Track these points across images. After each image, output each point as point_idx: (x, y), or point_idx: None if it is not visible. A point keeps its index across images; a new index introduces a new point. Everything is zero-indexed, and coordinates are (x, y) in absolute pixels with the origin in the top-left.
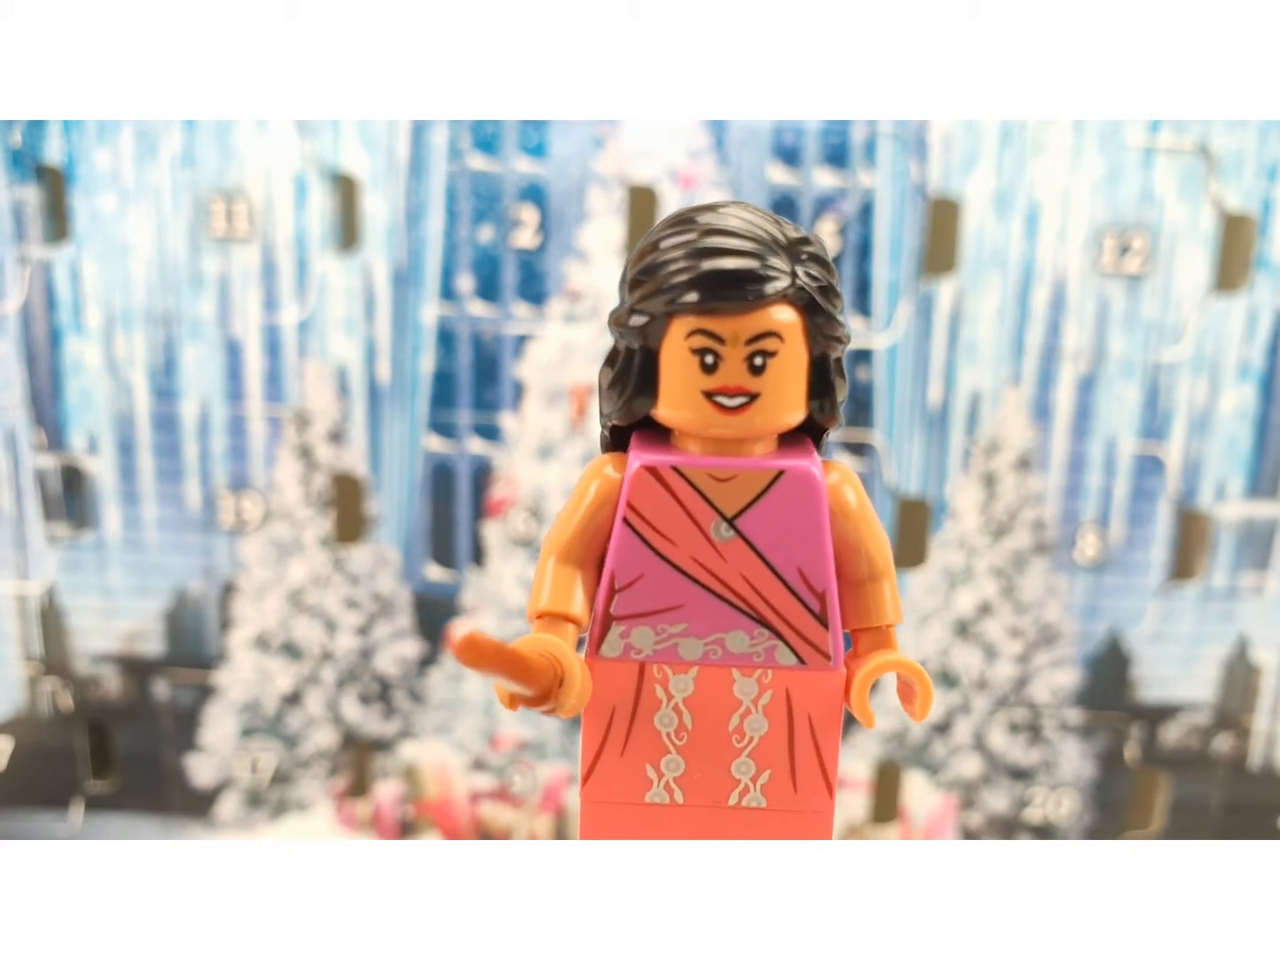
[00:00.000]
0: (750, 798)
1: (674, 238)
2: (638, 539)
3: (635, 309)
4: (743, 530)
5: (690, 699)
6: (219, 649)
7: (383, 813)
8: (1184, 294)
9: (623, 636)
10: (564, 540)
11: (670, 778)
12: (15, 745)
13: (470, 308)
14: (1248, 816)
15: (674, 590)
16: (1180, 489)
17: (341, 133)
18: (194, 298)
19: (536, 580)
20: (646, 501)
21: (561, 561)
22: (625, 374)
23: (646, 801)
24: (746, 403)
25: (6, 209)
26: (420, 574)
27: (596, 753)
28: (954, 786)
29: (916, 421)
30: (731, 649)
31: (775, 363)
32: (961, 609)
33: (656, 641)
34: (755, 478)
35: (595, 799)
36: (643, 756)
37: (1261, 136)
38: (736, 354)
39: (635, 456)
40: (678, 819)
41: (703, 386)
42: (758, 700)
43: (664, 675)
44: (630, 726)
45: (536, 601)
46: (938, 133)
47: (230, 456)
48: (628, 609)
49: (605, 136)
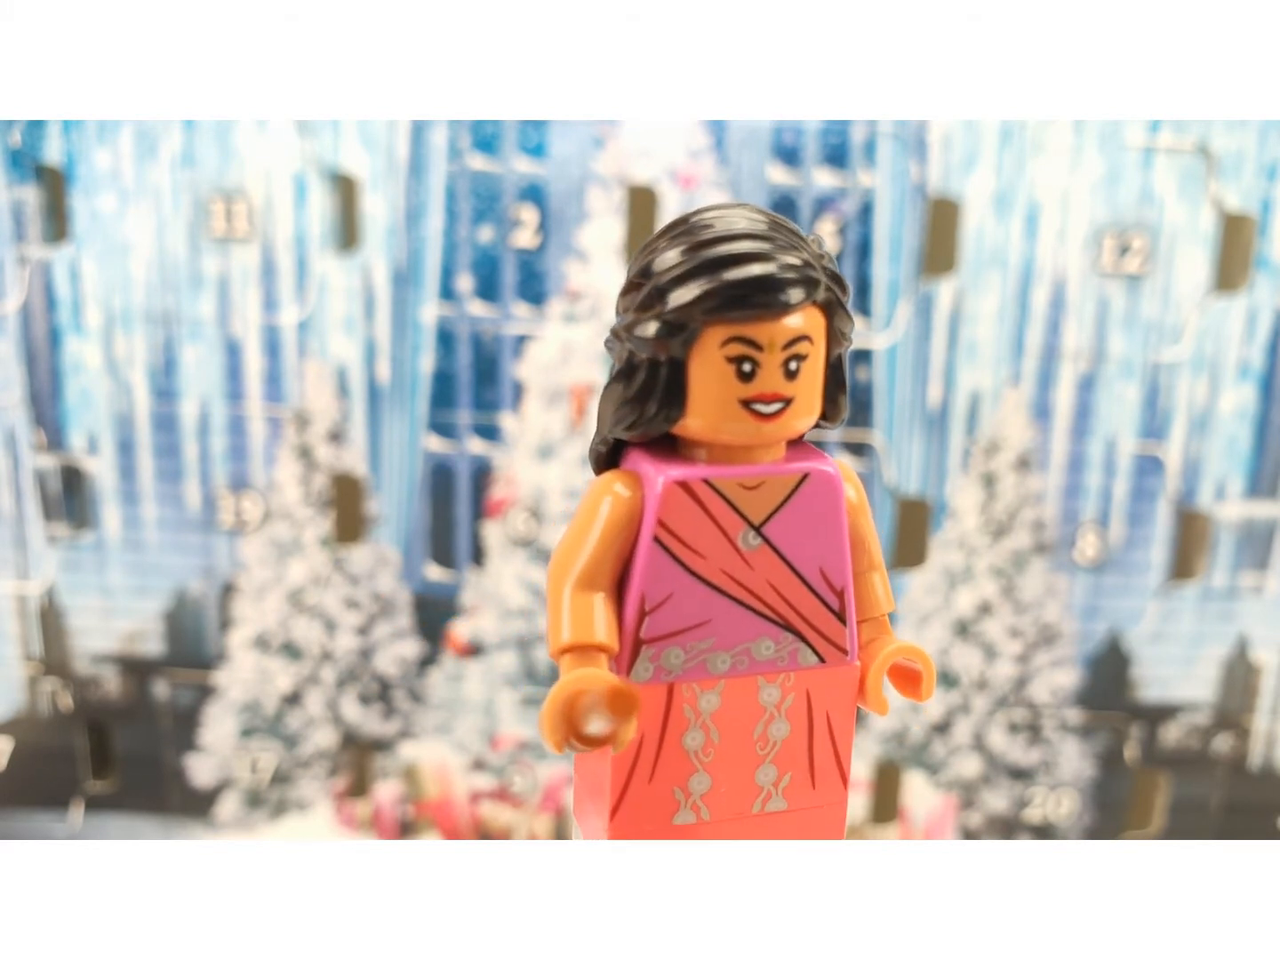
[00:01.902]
0: (772, 803)
1: (691, 246)
2: (669, 557)
3: (664, 319)
4: (769, 536)
5: (717, 714)
6: (219, 649)
7: (383, 813)
8: (1184, 294)
9: (653, 660)
10: (583, 567)
11: (697, 796)
12: (15, 745)
13: (470, 308)
14: (1248, 816)
15: (703, 605)
16: (1180, 489)
17: (341, 133)
18: (194, 298)
19: (553, 613)
20: (677, 517)
21: (581, 589)
22: (648, 388)
23: (674, 824)
24: (782, 408)
25: (6, 209)
26: (420, 574)
27: (624, 784)
28: (954, 786)
29: (916, 421)
30: (757, 657)
31: (806, 366)
32: (961, 609)
33: (686, 660)
34: (782, 483)
35: (624, 832)
36: (671, 780)
37: (1261, 136)
38: (774, 360)
39: (657, 471)
40: (704, 836)
41: (740, 395)
42: (780, 705)
43: (692, 694)
44: (659, 752)
45: (560, 635)
46: (938, 133)
47: (230, 456)
48: (658, 630)
49: (605, 136)
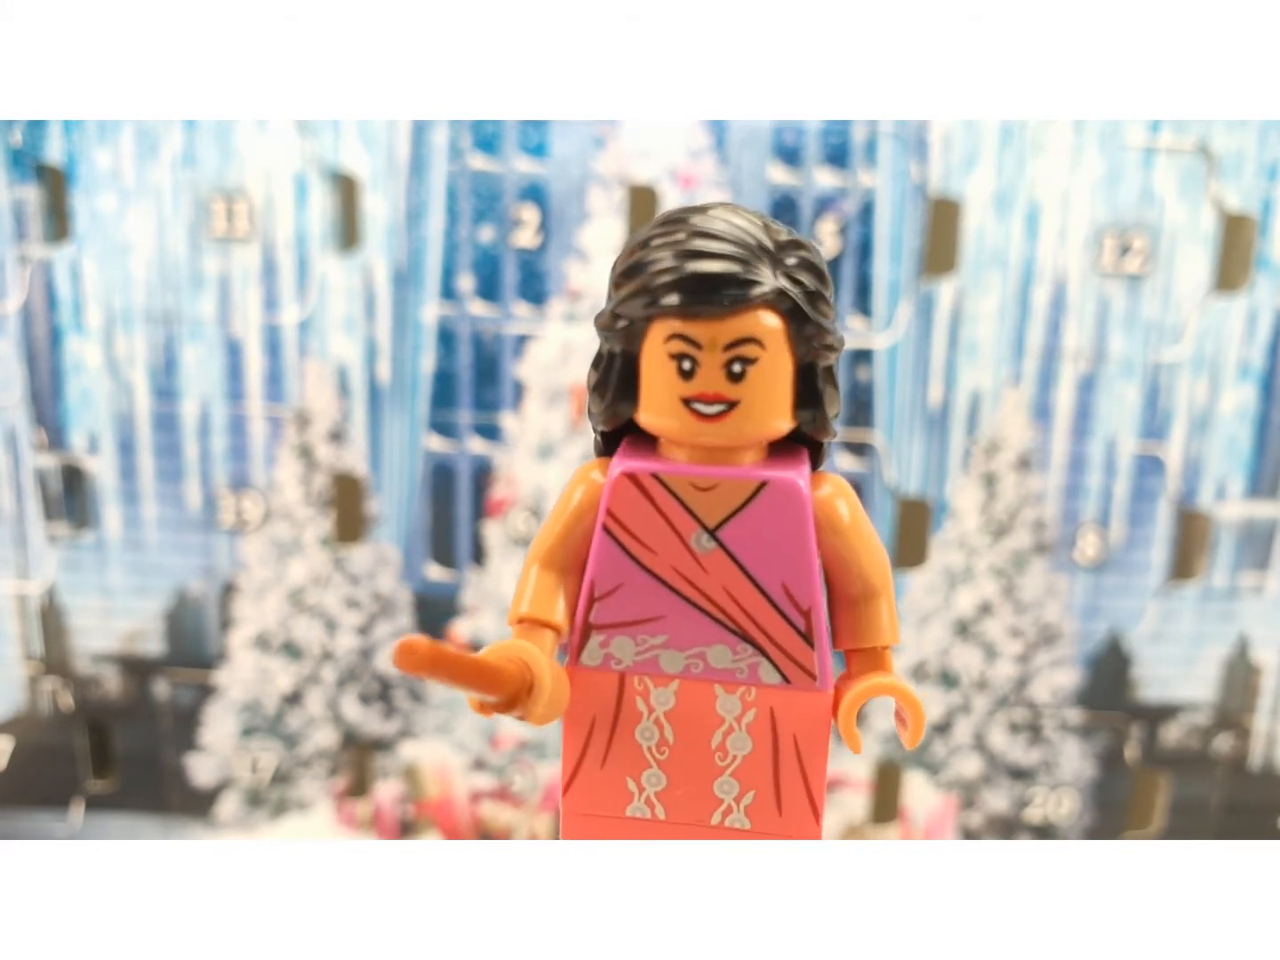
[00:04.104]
0: (733, 818)
1: (656, 240)
2: (617, 547)
3: (616, 311)
4: (725, 542)
5: (671, 713)
6: (219, 649)
7: (383, 812)
8: (1184, 294)
9: (602, 646)
10: (547, 546)
11: (651, 792)
12: (15, 745)
13: (470, 307)
14: (1248, 816)
15: (654, 601)
16: (1180, 489)
17: (341, 133)
18: (194, 298)
19: (519, 585)
20: (627, 509)
21: (544, 567)
22: (606, 378)
23: (627, 815)
24: (725, 410)
25: (7, 209)
26: (420, 574)
27: (577, 763)
28: (954, 786)
29: (916, 421)
30: (713, 664)
31: (756, 370)
32: (961, 609)
33: (637, 652)
34: (737, 488)
35: (576, 810)
36: (623, 769)
37: (1261, 136)
38: (714, 360)
39: (618, 462)
40: (660, 835)
41: (681, 393)
42: (740, 718)
43: (645, 687)
44: (611, 738)
45: (517, 607)
46: (938, 133)
47: (230, 456)
48: (607, 618)
49: (605, 136)
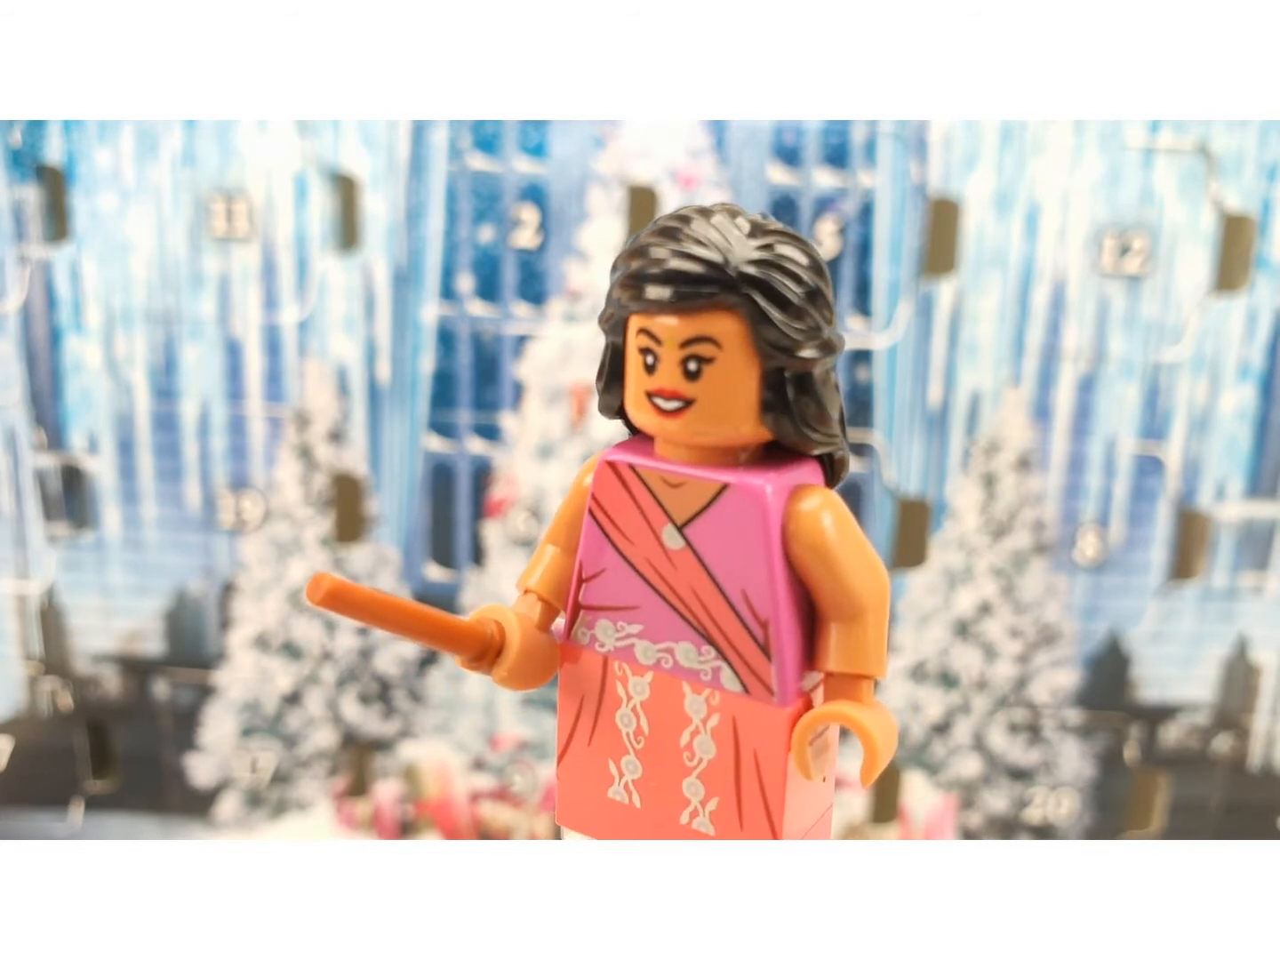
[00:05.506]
0: (699, 821)
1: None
2: (602, 534)
3: (607, 305)
4: (691, 540)
5: (646, 704)
6: (219, 649)
7: (383, 813)
8: (1184, 294)
9: (588, 626)
10: (555, 526)
11: (629, 779)
12: (15, 745)
13: (470, 308)
14: (1247, 816)
15: (632, 589)
16: (1180, 489)
17: (341, 133)
18: (194, 297)
19: (532, 560)
20: (608, 497)
21: (551, 544)
22: (602, 370)
23: (609, 796)
24: (681, 408)
25: (6, 209)
26: (420, 574)
27: (570, 734)
28: (954, 786)
29: (916, 421)
30: (681, 661)
31: (712, 370)
32: (961, 609)
33: (617, 638)
34: (702, 488)
35: (568, 779)
36: (606, 750)
37: (1261, 136)
38: (672, 356)
39: (608, 451)
40: (636, 825)
41: (645, 387)
42: (706, 721)
43: (624, 674)
44: (596, 717)
45: (525, 579)
46: (938, 133)
47: (230, 456)
48: (592, 600)
49: (605, 136)
